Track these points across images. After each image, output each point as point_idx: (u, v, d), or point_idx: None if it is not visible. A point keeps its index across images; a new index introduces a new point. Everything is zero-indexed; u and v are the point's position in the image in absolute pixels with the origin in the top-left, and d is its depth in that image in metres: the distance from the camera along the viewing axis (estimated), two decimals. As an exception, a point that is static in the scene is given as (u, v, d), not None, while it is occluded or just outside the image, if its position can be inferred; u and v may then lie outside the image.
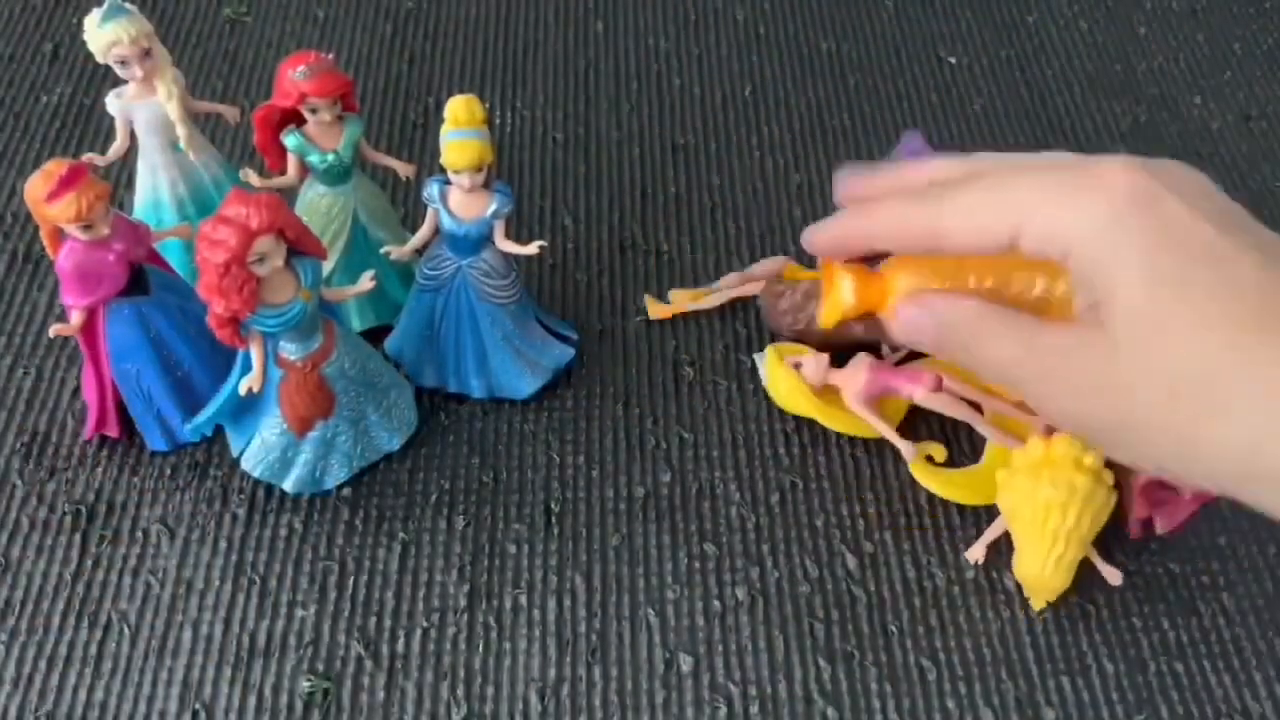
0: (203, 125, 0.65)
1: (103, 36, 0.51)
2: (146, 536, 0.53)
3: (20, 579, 0.51)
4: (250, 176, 0.54)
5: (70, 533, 0.53)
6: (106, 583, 0.51)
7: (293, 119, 0.53)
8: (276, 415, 0.51)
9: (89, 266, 0.48)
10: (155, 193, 0.57)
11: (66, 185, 0.45)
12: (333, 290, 0.51)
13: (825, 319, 0.55)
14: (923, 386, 0.53)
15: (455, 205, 0.51)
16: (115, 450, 0.55)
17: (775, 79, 0.74)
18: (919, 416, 0.57)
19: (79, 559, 0.52)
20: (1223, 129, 0.72)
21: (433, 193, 0.51)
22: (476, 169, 0.49)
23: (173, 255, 0.56)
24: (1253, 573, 0.53)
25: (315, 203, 0.55)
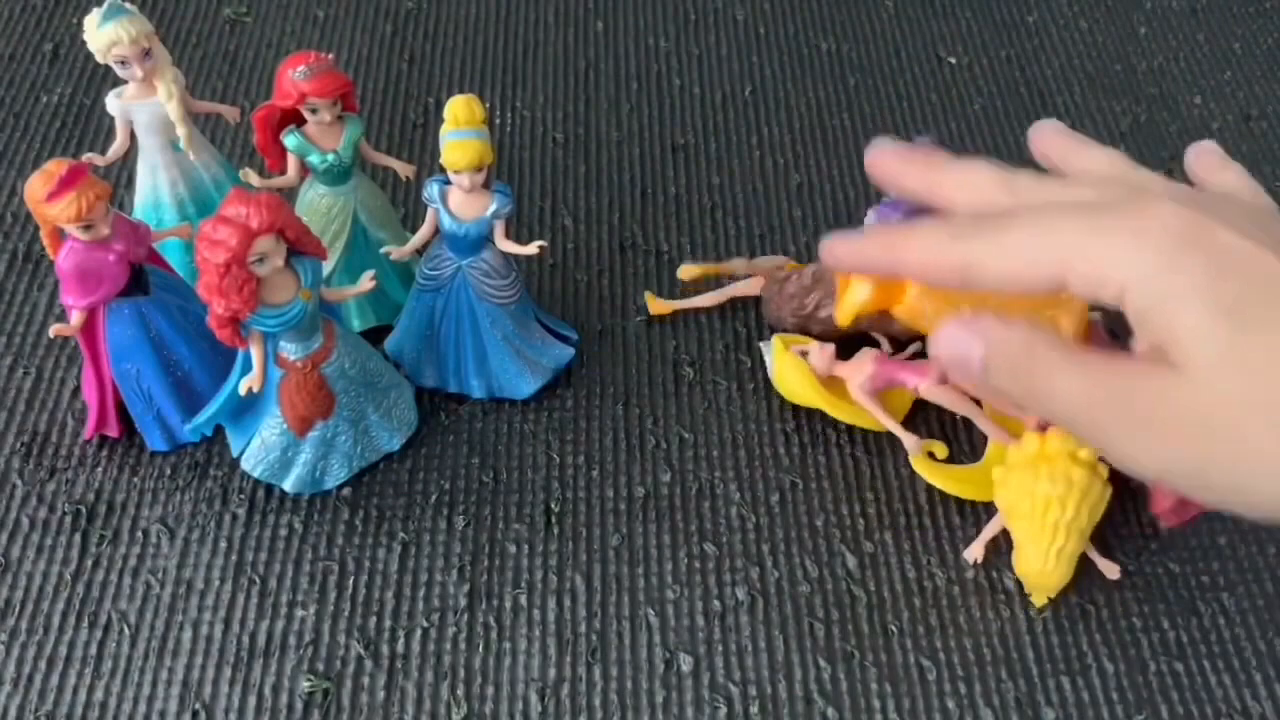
0: (203, 125, 0.65)
1: (103, 36, 0.51)
2: (146, 536, 0.53)
3: (20, 579, 0.51)
4: (250, 176, 0.54)
5: (70, 533, 0.53)
6: (106, 583, 0.51)
7: (293, 119, 0.53)
8: (276, 415, 0.51)
9: (89, 266, 0.48)
10: (155, 193, 0.57)
11: (66, 185, 0.45)
12: (333, 290, 0.51)
13: (841, 318, 0.56)
14: (927, 379, 0.53)
15: (455, 205, 0.51)
16: (115, 450, 0.55)
17: (775, 79, 0.74)
18: (920, 416, 0.57)
19: (79, 559, 0.52)
20: (1223, 129, 0.72)
21: (433, 193, 0.51)
22: (476, 169, 0.49)
23: (173, 255, 0.56)
24: (1253, 573, 0.53)
25: (315, 203, 0.55)
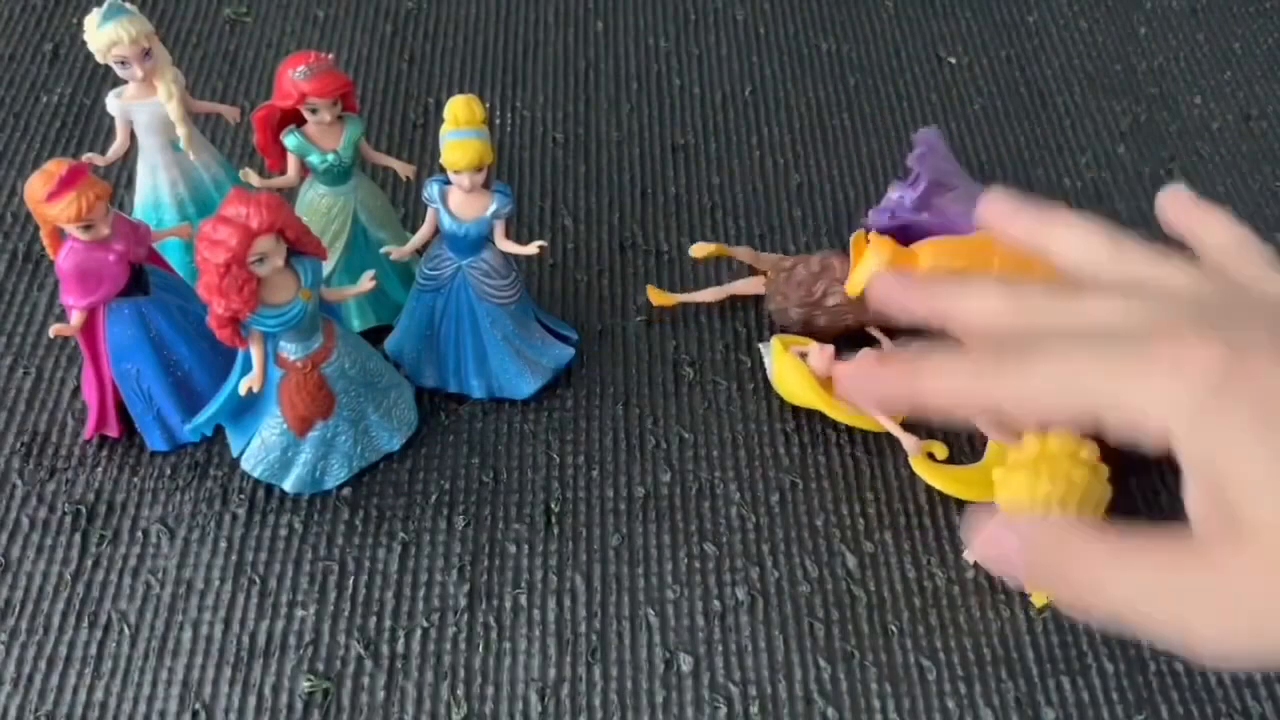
0: (203, 125, 0.65)
1: (103, 36, 0.51)
2: (146, 536, 0.53)
3: (20, 579, 0.51)
4: (250, 176, 0.54)
5: (70, 533, 0.53)
6: (106, 583, 0.51)
7: (293, 119, 0.53)
8: (276, 415, 0.51)
9: (89, 266, 0.48)
10: (155, 193, 0.57)
11: (66, 185, 0.45)
12: (333, 290, 0.51)
13: (853, 286, 0.56)
14: None
15: (455, 205, 0.51)
16: (115, 450, 0.55)
17: (775, 79, 0.74)
18: (920, 416, 0.57)
19: (79, 559, 0.52)
20: (1223, 129, 0.72)
21: (433, 193, 0.51)
22: (476, 169, 0.49)
23: (173, 255, 0.56)
24: (1253, 573, 0.53)
25: (315, 203, 0.55)
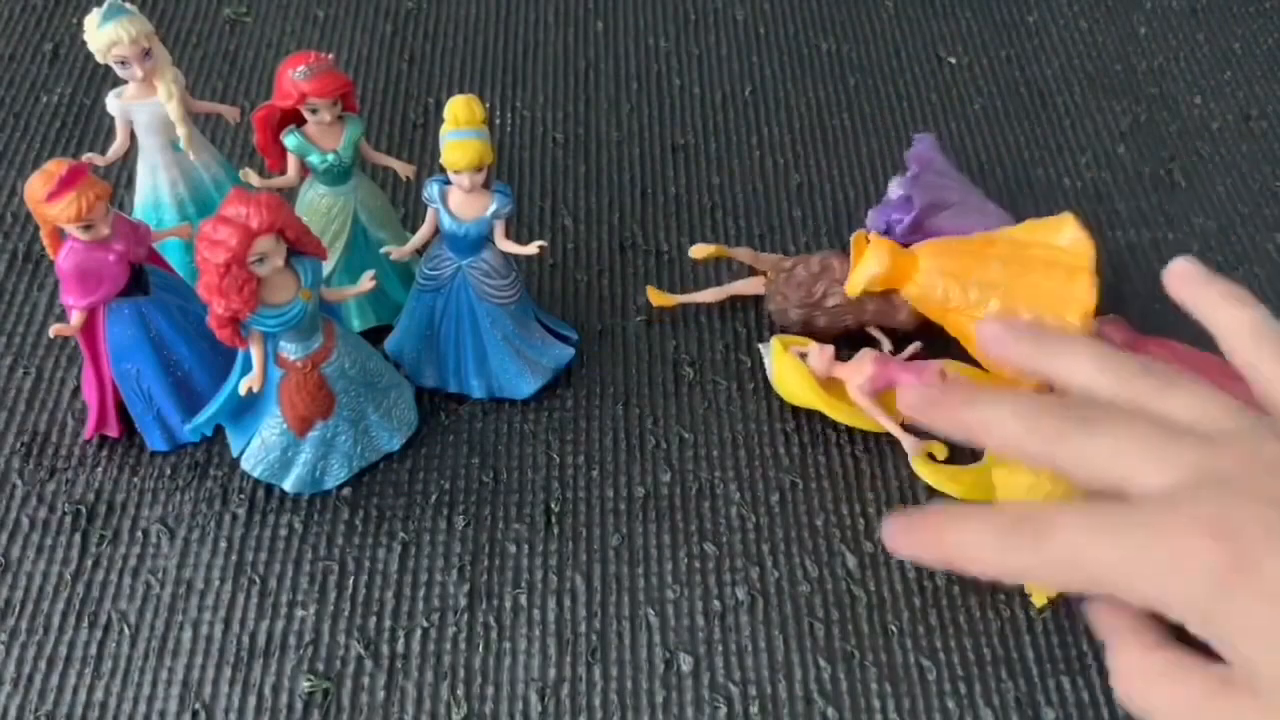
0: (203, 125, 0.65)
1: (103, 36, 0.50)
2: (146, 536, 0.53)
3: (20, 579, 0.51)
4: (250, 176, 0.54)
5: (70, 533, 0.53)
6: (106, 583, 0.51)
7: (293, 119, 0.53)
8: (276, 415, 0.51)
9: (89, 266, 0.48)
10: (155, 193, 0.57)
11: (66, 185, 0.45)
12: (333, 290, 0.51)
13: (852, 286, 0.56)
14: (927, 378, 0.53)
15: (455, 205, 0.51)
16: (115, 450, 0.55)
17: (775, 79, 0.74)
18: (919, 416, 0.57)
19: (79, 559, 0.52)
20: (1223, 129, 0.72)
21: (433, 193, 0.51)
22: (476, 169, 0.49)
23: (173, 255, 0.56)
24: (1253, 573, 0.53)
25: (315, 203, 0.55)
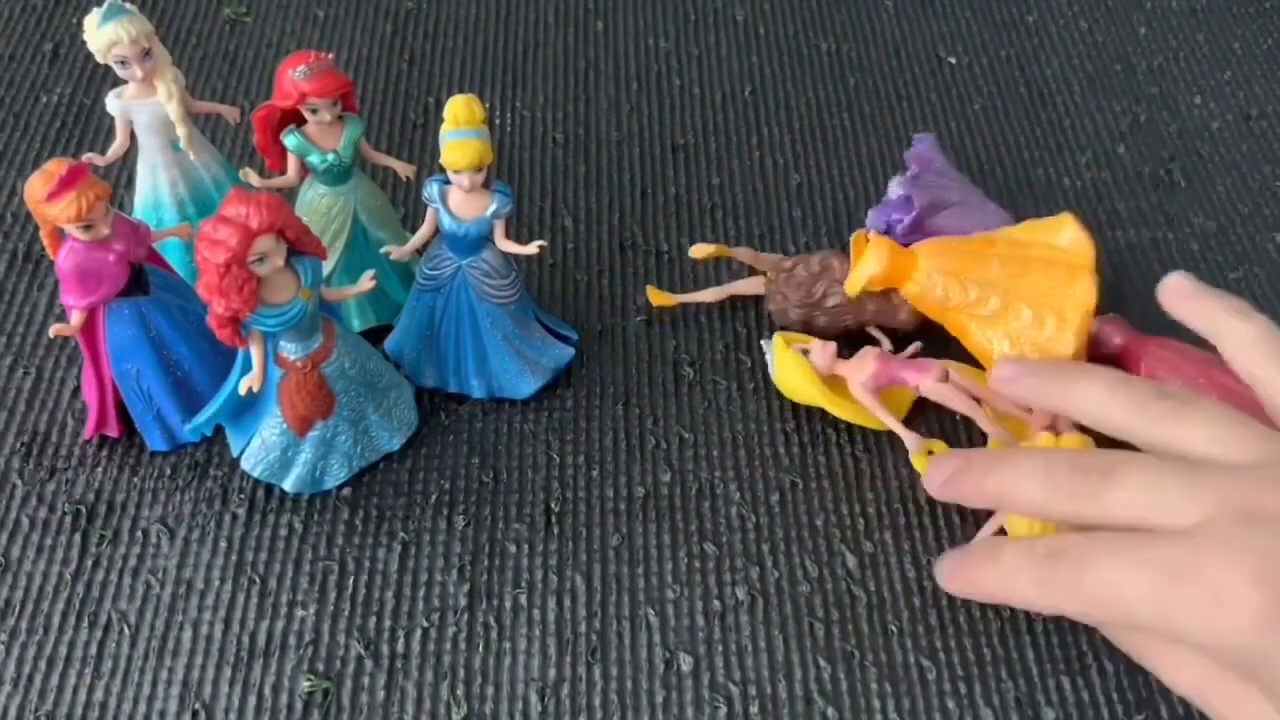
0: (203, 125, 0.65)
1: (103, 36, 0.50)
2: (146, 536, 0.53)
3: (20, 579, 0.51)
4: (250, 176, 0.54)
5: (70, 533, 0.53)
6: (106, 583, 0.51)
7: (293, 119, 0.53)
8: (276, 415, 0.51)
9: (89, 266, 0.48)
10: (155, 193, 0.57)
11: (66, 185, 0.45)
12: (333, 290, 0.51)
13: (852, 285, 0.56)
14: (929, 377, 0.53)
15: (455, 205, 0.51)
16: (115, 450, 0.55)
17: (775, 79, 0.74)
18: (920, 415, 0.57)
19: (79, 559, 0.52)
20: (1223, 129, 0.72)
21: (432, 193, 0.51)
22: (476, 169, 0.49)
23: (173, 255, 0.56)
24: (1253, 572, 0.53)
25: (315, 203, 0.55)
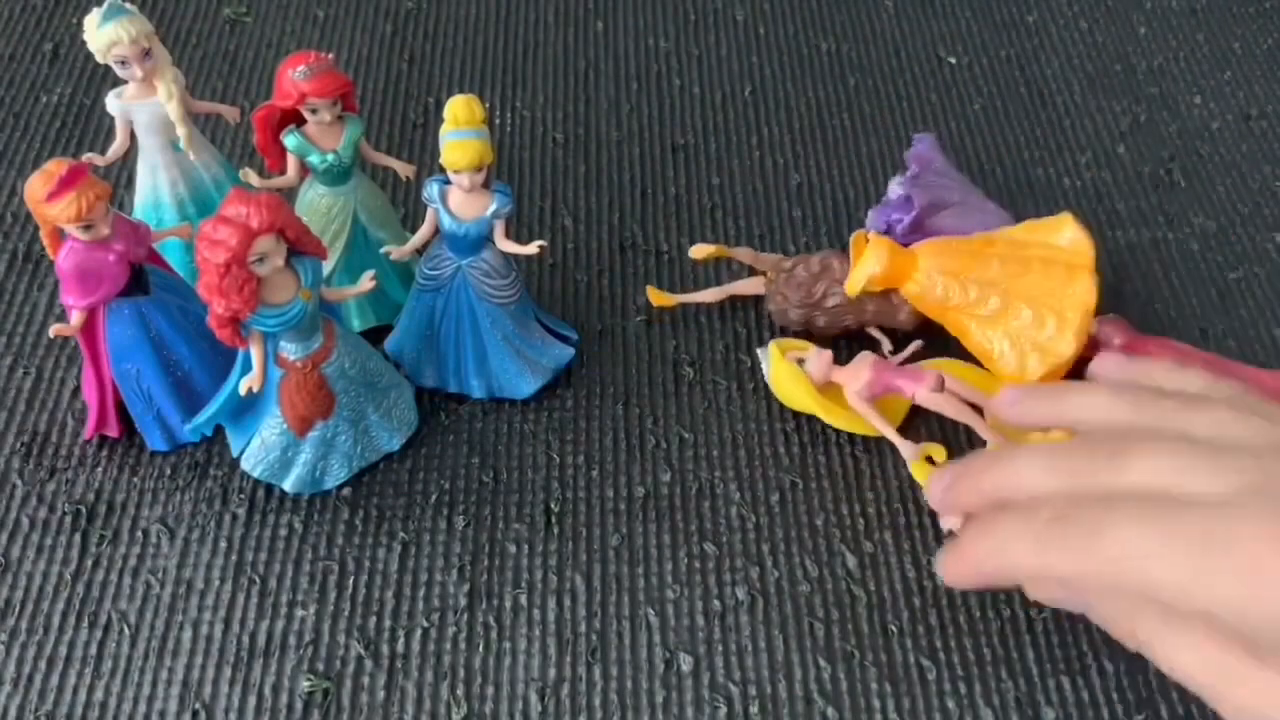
0: (203, 125, 0.65)
1: (103, 36, 0.50)
2: (146, 536, 0.53)
3: (20, 579, 0.51)
4: (250, 176, 0.54)
5: (70, 533, 0.53)
6: (106, 583, 0.51)
7: (293, 119, 0.53)
8: (276, 415, 0.51)
9: (89, 266, 0.48)
10: (155, 193, 0.57)
11: (66, 185, 0.45)
12: (333, 290, 0.51)
13: (852, 285, 0.56)
14: (925, 386, 0.53)
15: (455, 205, 0.51)
16: (115, 450, 0.55)
17: (775, 79, 0.74)
18: (919, 418, 0.57)
19: (79, 559, 0.52)
20: (1223, 129, 0.72)
21: (432, 193, 0.51)
22: (476, 169, 0.49)
23: (173, 255, 0.56)
24: (1253, 572, 0.53)
25: (315, 203, 0.55)
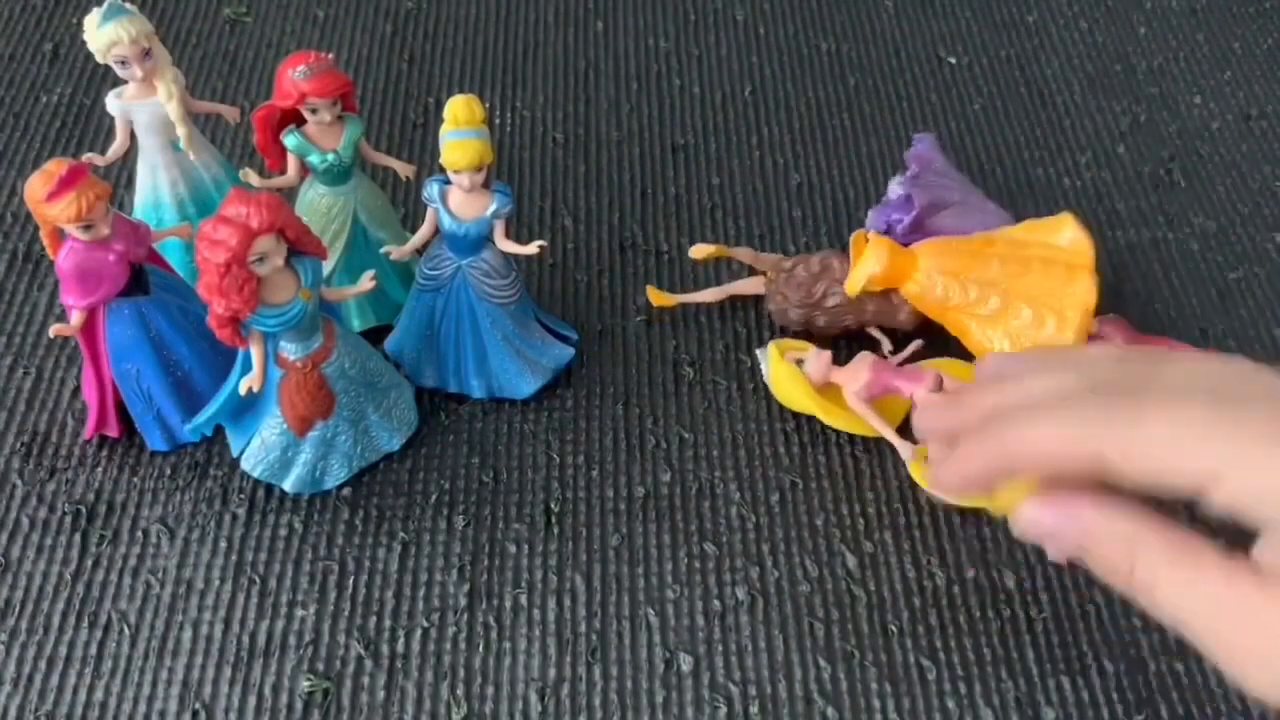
0: (203, 125, 0.65)
1: (103, 36, 0.51)
2: (146, 536, 0.53)
3: (20, 579, 0.51)
4: (250, 176, 0.54)
5: (70, 533, 0.53)
6: (106, 583, 0.51)
7: (293, 119, 0.53)
8: (276, 415, 0.51)
9: (89, 266, 0.48)
10: (155, 193, 0.57)
11: (66, 185, 0.45)
12: (333, 290, 0.51)
13: (852, 285, 0.56)
14: (923, 386, 0.53)
15: (455, 205, 0.51)
16: (115, 450, 0.55)
17: (775, 79, 0.74)
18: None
19: (79, 559, 0.52)
20: (1223, 129, 0.72)
21: (432, 193, 0.51)
22: (476, 169, 0.49)
23: (173, 255, 0.56)
24: (1253, 573, 0.53)
25: (315, 203, 0.55)
